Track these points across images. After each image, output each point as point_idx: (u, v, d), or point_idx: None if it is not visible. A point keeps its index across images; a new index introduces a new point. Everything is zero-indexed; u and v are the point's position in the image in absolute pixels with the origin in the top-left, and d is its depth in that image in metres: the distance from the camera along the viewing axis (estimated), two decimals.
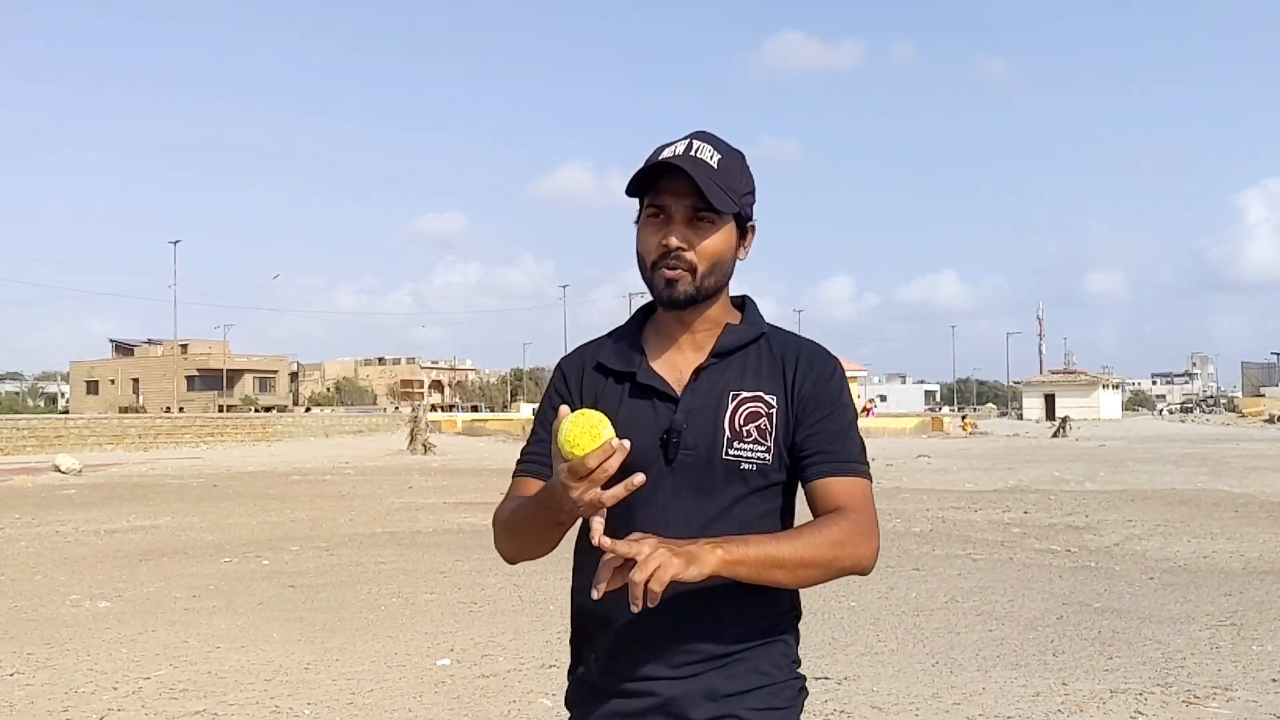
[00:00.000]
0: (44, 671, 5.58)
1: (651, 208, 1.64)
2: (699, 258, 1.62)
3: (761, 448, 1.63)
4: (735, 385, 1.66)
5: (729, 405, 1.64)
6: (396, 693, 5.17)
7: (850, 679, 5.35)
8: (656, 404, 1.66)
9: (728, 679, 1.61)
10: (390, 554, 10.02)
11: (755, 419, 1.63)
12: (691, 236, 1.62)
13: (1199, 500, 14.94)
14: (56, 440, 33.12)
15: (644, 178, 1.63)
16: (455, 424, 52.60)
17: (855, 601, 7.41)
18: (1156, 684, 5.22)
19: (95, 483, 20.17)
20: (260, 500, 16.03)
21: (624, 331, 1.76)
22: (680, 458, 1.62)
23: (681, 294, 1.63)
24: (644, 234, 1.66)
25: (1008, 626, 6.61)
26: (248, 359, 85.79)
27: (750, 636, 1.63)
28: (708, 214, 1.61)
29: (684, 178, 1.58)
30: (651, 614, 1.48)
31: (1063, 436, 42.97)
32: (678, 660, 1.60)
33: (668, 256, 1.62)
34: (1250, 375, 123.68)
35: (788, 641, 1.68)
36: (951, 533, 11.47)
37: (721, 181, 1.61)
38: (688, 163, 1.59)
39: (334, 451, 32.72)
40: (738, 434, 1.63)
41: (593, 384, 1.71)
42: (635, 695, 1.62)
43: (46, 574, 8.95)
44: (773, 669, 1.64)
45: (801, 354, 1.69)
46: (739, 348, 1.69)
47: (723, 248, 1.64)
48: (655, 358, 1.70)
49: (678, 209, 1.61)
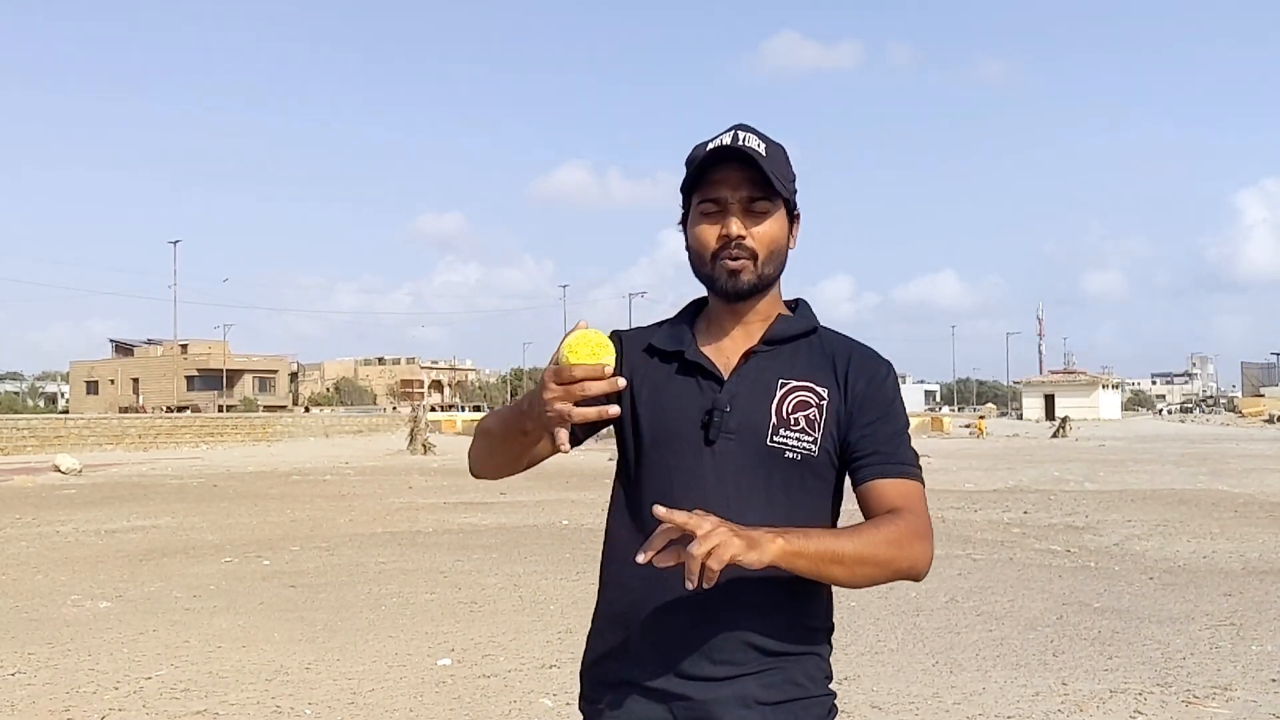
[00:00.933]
0: (45, 671, 5.58)
1: (706, 202, 1.63)
2: (759, 245, 1.62)
3: (809, 438, 1.60)
4: (785, 373, 1.63)
5: (777, 392, 1.62)
6: (397, 692, 5.18)
7: (850, 678, 5.36)
8: (701, 383, 1.64)
9: (763, 687, 1.56)
10: (390, 554, 10.02)
11: (804, 408, 1.61)
12: (749, 225, 1.61)
13: (1199, 500, 14.95)
14: (56, 440, 33.12)
15: (703, 168, 1.61)
16: (455, 424, 52.59)
17: (855, 601, 7.42)
18: (1156, 684, 5.23)
19: (95, 483, 20.18)
20: (260, 500, 16.03)
21: (677, 319, 1.74)
22: (722, 441, 1.59)
23: (745, 283, 1.62)
24: (700, 228, 1.64)
25: (1008, 626, 6.62)
26: (247, 359, 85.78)
27: (788, 646, 1.59)
28: (763, 203, 1.61)
29: (738, 168, 1.59)
30: (690, 612, 1.47)
31: (1062, 436, 42.98)
32: (715, 661, 1.56)
33: (730, 246, 1.61)
34: (1250, 375, 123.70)
35: (822, 654, 1.64)
36: (951, 533, 11.47)
37: (774, 169, 1.61)
38: (740, 152, 1.59)
39: (334, 451, 32.73)
40: (785, 421, 1.60)
41: (641, 363, 1.69)
42: (667, 696, 1.57)
43: (47, 574, 8.95)
44: (808, 682, 1.60)
45: (854, 354, 1.68)
46: (791, 338, 1.67)
47: (780, 234, 1.64)
48: (705, 343, 1.68)
49: (734, 199, 1.61)
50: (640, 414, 1.66)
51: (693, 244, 1.65)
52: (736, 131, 1.63)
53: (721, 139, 1.62)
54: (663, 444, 1.63)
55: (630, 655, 1.60)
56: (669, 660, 1.57)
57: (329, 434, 44.65)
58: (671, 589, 1.51)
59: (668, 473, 1.61)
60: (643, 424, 1.65)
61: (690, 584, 1.34)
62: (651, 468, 1.64)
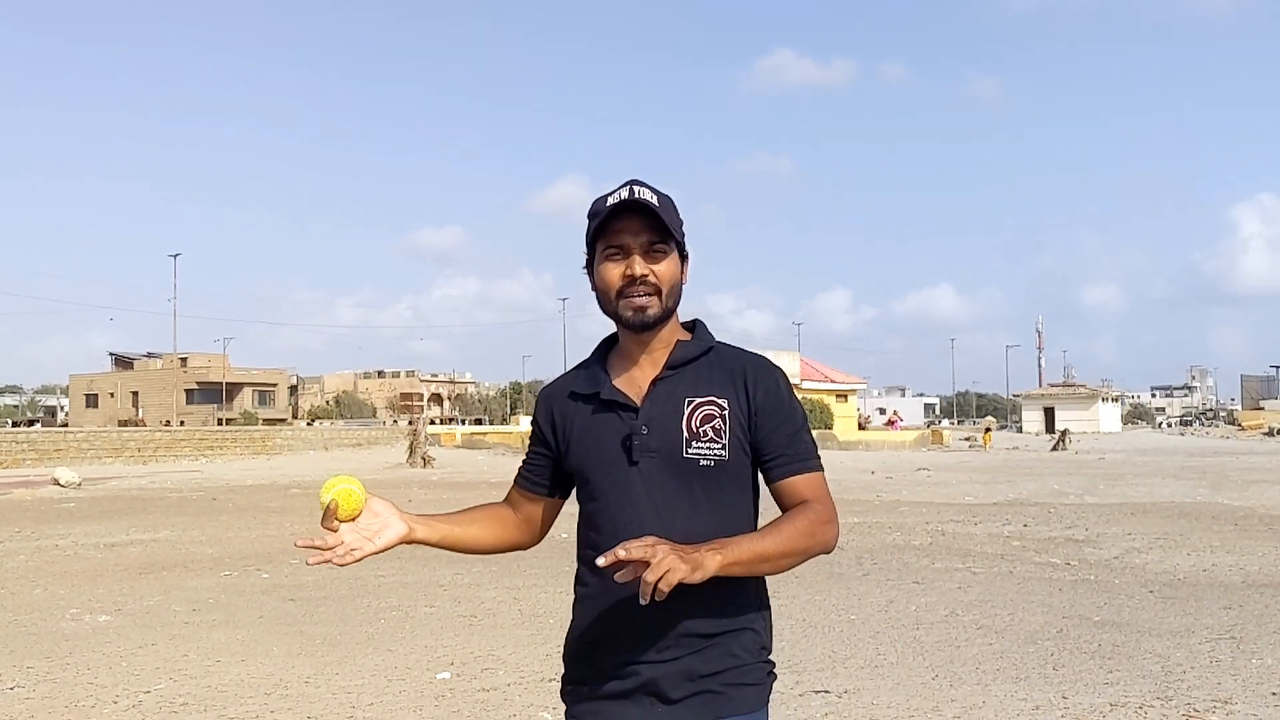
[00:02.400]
0: (44, 685, 5.57)
1: (611, 248, 1.87)
2: (661, 282, 1.86)
3: (718, 445, 1.84)
4: (690, 392, 1.88)
5: (685, 410, 1.86)
6: (397, 706, 5.17)
7: (850, 692, 5.35)
8: (620, 414, 1.89)
9: (703, 662, 1.82)
10: (390, 567, 10.01)
11: (710, 420, 1.85)
12: (652, 265, 1.86)
13: (1198, 513, 14.93)
14: (56, 453, 33.10)
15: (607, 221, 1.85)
16: (455, 437, 52.54)
17: (855, 615, 7.41)
18: (1156, 697, 5.22)
19: (94, 496, 20.15)
20: (260, 514, 16.01)
21: (590, 361, 2.00)
22: (645, 460, 1.84)
23: (652, 316, 1.86)
24: (605, 270, 1.88)
25: (1008, 640, 6.61)
26: (247, 372, 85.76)
27: (723, 625, 1.83)
28: (661, 245, 1.86)
29: (637, 217, 1.84)
30: (638, 608, 1.66)
31: (1062, 449, 42.93)
32: (660, 646, 1.81)
33: (634, 284, 1.85)
34: (1249, 388, 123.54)
35: (757, 629, 1.88)
36: (951, 546, 11.46)
37: (667, 216, 1.85)
38: (639, 204, 1.83)
39: (334, 465, 32.68)
40: (695, 434, 1.85)
41: (565, 410, 1.97)
42: (622, 678, 1.84)
43: (46, 587, 8.94)
44: (743, 653, 1.85)
45: (748, 365, 1.91)
46: (691, 360, 1.91)
47: (676, 272, 1.90)
48: (617, 377, 1.93)
49: (635, 244, 1.85)
50: (573, 452, 1.94)
51: (600, 284, 1.90)
52: (632, 186, 1.86)
53: (620, 193, 1.85)
54: (596, 471, 1.90)
55: (597, 649, 1.88)
56: (626, 652, 1.84)
57: (329, 447, 44.60)
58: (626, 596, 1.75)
59: (604, 494, 1.88)
60: (578, 459, 1.93)
61: (644, 600, 1.58)
62: (592, 492, 1.91)
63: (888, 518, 14.55)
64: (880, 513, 15.38)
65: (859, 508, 16.19)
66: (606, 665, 1.86)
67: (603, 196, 1.90)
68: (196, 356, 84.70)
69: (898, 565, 9.83)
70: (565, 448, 1.96)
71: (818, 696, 5.24)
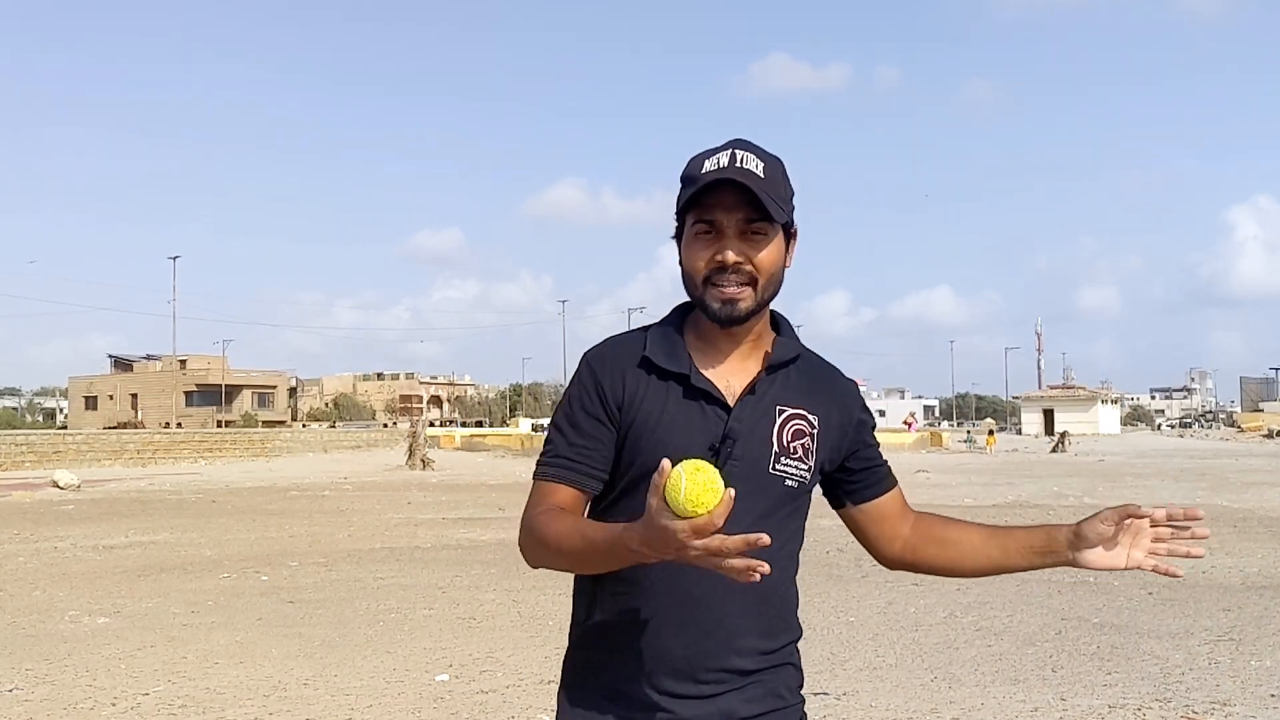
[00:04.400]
0: (43, 687, 5.57)
1: (701, 223, 1.58)
2: (759, 271, 1.58)
3: (804, 466, 1.63)
4: (781, 399, 1.64)
5: (777, 419, 1.63)
6: (395, 708, 5.17)
7: (849, 694, 5.35)
8: (707, 409, 1.61)
9: (744, 702, 1.60)
10: (389, 569, 10.01)
11: (800, 437, 1.63)
12: (747, 250, 1.57)
13: None
14: (55, 456, 33.07)
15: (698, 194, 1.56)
16: (454, 439, 52.54)
17: (854, 616, 7.41)
18: (1155, 699, 5.22)
19: (94, 498, 20.15)
20: (259, 516, 16.01)
21: (665, 329, 1.68)
22: (729, 467, 1.54)
23: (743, 311, 1.59)
24: (693, 250, 1.59)
25: (1006, 642, 6.61)
26: (246, 374, 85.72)
27: (768, 659, 1.63)
28: (761, 225, 1.57)
29: (734, 190, 1.54)
30: (677, 634, 1.50)
31: (1062, 451, 42.95)
32: (700, 679, 1.58)
33: (724, 272, 1.57)
34: (1249, 390, 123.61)
35: (795, 663, 1.69)
36: None
37: (772, 191, 1.56)
38: (739, 174, 1.54)
39: (333, 467, 32.68)
40: (785, 450, 1.62)
41: (637, 382, 1.62)
42: (646, 712, 1.59)
43: (45, 589, 8.94)
44: (786, 692, 1.65)
45: (834, 380, 1.73)
46: (785, 364, 1.67)
47: (777, 258, 1.61)
48: (704, 363, 1.64)
49: (729, 223, 1.56)
50: (637, 436, 1.60)
51: (686, 265, 1.61)
52: (734, 150, 1.58)
53: (720, 158, 1.57)
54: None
55: (619, 671, 1.61)
56: (656, 678, 1.58)
57: (328, 449, 44.60)
58: (659, 610, 1.57)
59: None
60: (646, 448, 1.59)
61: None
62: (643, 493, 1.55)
63: None
64: None
65: None
66: (627, 696, 1.59)
67: (700, 155, 1.60)
68: (196, 359, 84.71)
69: None
70: (629, 429, 1.61)
71: (817, 699, 5.24)
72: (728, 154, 1.57)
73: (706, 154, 1.60)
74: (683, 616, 1.56)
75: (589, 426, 1.62)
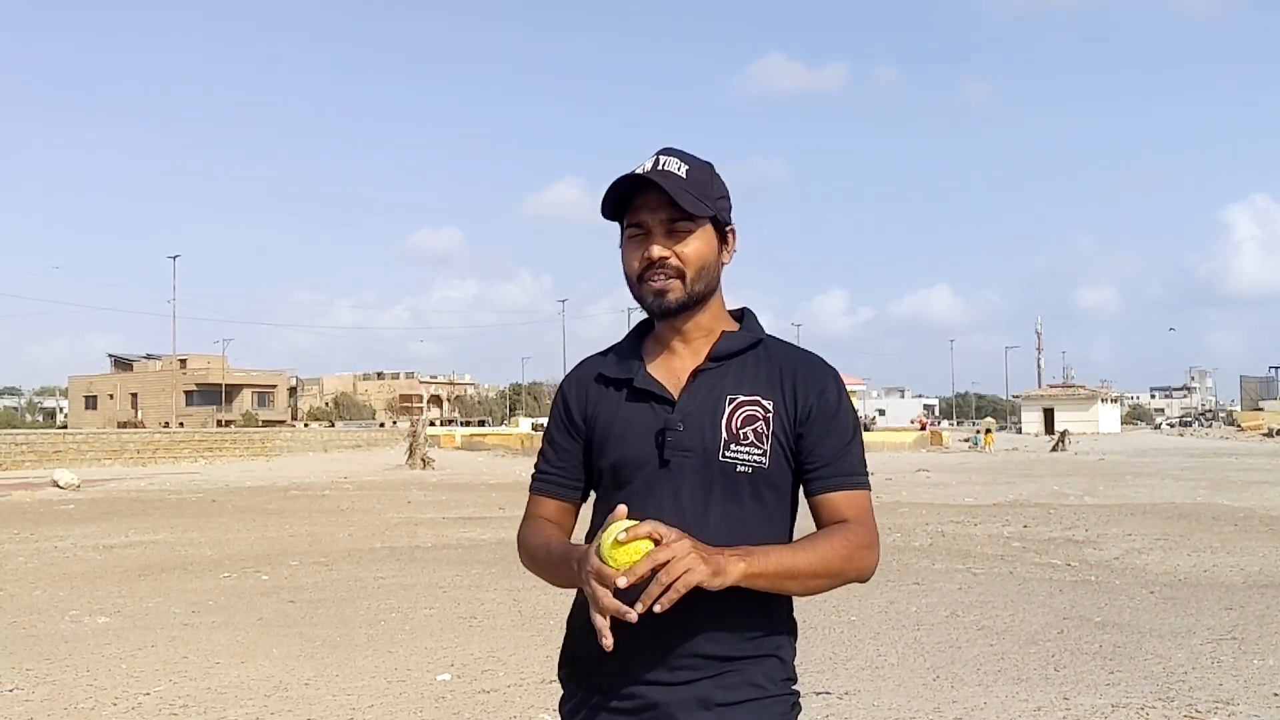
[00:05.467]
0: (43, 687, 5.56)
1: (631, 227, 1.70)
2: (685, 264, 1.68)
3: (758, 450, 1.66)
4: (733, 389, 1.69)
5: (726, 408, 1.68)
6: (397, 708, 5.16)
7: (851, 693, 5.34)
8: (654, 407, 1.70)
9: (721, 689, 1.63)
10: (389, 569, 10.01)
11: (752, 422, 1.67)
12: (673, 245, 1.68)
13: (1199, 514, 14.93)
14: (55, 455, 33.08)
15: (616, 197, 1.69)
16: (454, 439, 52.54)
17: (856, 616, 7.41)
18: (1158, 698, 5.22)
19: (94, 498, 20.14)
20: (259, 515, 16.01)
21: (623, 345, 1.81)
22: (677, 460, 1.66)
23: (673, 301, 1.68)
24: (627, 252, 1.72)
25: (1008, 641, 6.61)
26: (246, 374, 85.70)
27: (746, 648, 1.65)
28: (684, 222, 1.67)
29: (655, 190, 1.65)
30: (652, 619, 1.51)
31: (1062, 450, 42.95)
32: (673, 666, 1.63)
33: (653, 268, 1.68)
34: (1249, 389, 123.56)
35: (783, 657, 1.69)
36: (951, 547, 11.46)
37: (692, 189, 1.66)
38: (656, 176, 1.65)
39: (333, 466, 32.69)
40: (734, 436, 1.66)
41: (595, 395, 1.77)
42: (629, 698, 1.66)
43: (46, 589, 8.93)
44: (766, 682, 1.66)
45: (800, 364, 1.73)
46: (736, 353, 1.73)
47: (705, 251, 1.69)
48: (653, 365, 1.74)
49: (655, 222, 1.68)
50: (598, 442, 1.75)
51: (624, 267, 1.73)
52: (658, 156, 1.70)
53: (644, 165, 1.69)
54: (622, 468, 1.71)
55: (601, 664, 1.66)
56: (634, 670, 1.65)
57: (328, 449, 44.60)
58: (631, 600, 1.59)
59: (629, 494, 1.66)
60: (604, 451, 1.73)
61: (645, 607, 1.43)
62: (612, 495, 1.71)
63: (888, 519, 14.54)
64: (880, 514, 15.15)
65: None
66: (610, 684, 1.67)
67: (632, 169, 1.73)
68: (196, 358, 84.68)
69: (898, 566, 9.82)
70: (591, 438, 1.76)
71: (819, 698, 5.23)
72: (652, 160, 1.70)
73: (635, 166, 1.72)
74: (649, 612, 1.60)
75: (562, 442, 1.80)
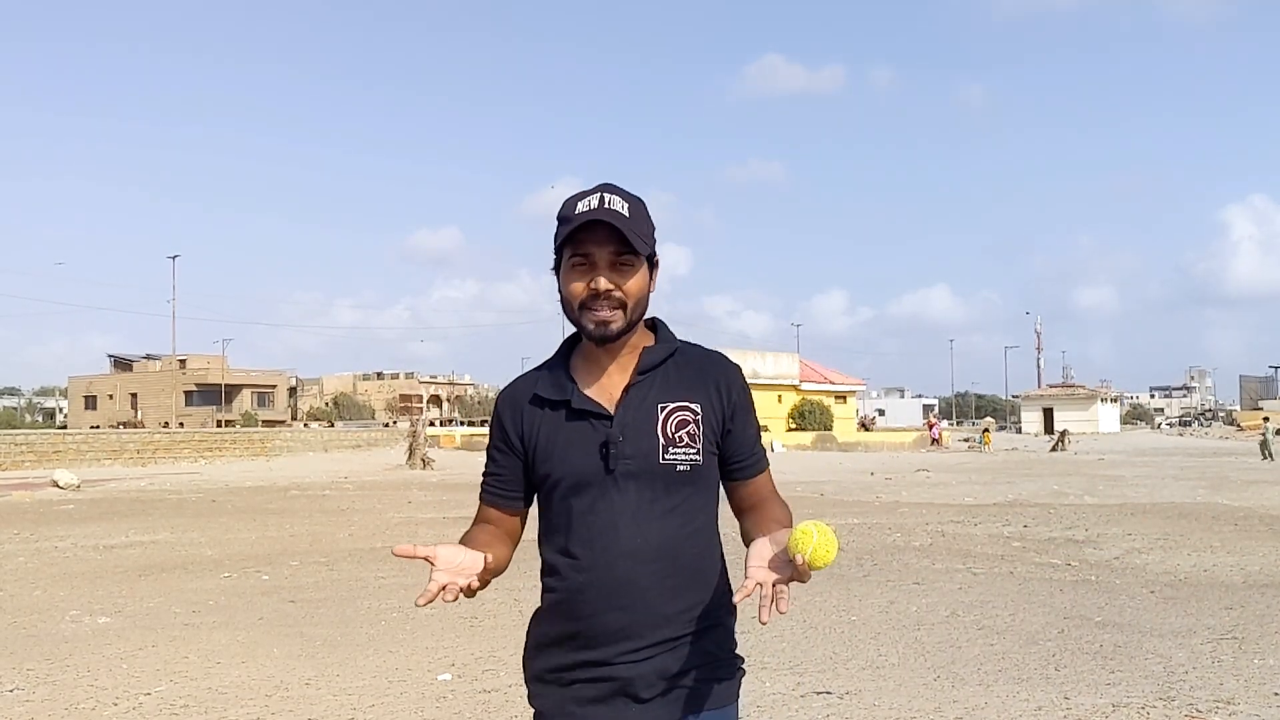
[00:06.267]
0: (43, 687, 5.56)
1: (577, 256, 1.84)
2: (627, 296, 1.84)
3: (693, 450, 1.87)
4: (663, 397, 1.88)
5: (659, 415, 1.87)
6: (398, 708, 5.16)
7: (851, 693, 5.35)
8: (594, 423, 1.87)
9: (676, 660, 1.84)
10: (390, 569, 10.00)
11: (684, 425, 1.87)
12: (617, 279, 1.84)
13: (1199, 514, 14.94)
14: (55, 455, 33.07)
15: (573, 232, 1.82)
16: (454, 439, 52.53)
17: (856, 616, 7.41)
18: (1158, 698, 5.22)
19: (94, 498, 20.14)
20: (259, 515, 16.00)
21: (553, 364, 1.97)
22: (622, 467, 1.84)
23: (614, 331, 1.85)
24: (570, 279, 1.86)
25: (1009, 640, 6.61)
26: (246, 374, 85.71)
27: (695, 624, 1.86)
28: (629, 256, 1.83)
29: (604, 228, 1.80)
30: (611, 610, 1.80)
31: (1061, 450, 42.95)
32: (636, 645, 1.83)
33: (597, 299, 1.83)
34: (1248, 388, 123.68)
35: (727, 626, 1.92)
36: (951, 547, 11.46)
37: (636, 228, 1.83)
38: (607, 215, 1.80)
39: (333, 466, 32.68)
40: (671, 440, 1.86)
41: (530, 416, 1.93)
42: (595, 681, 1.85)
43: (46, 589, 8.93)
44: (715, 649, 1.89)
45: (717, 367, 1.94)
46: (659, 364, 1.91)
47: (642, 284, 1.87)
48: (586, 384, 1.91)
49: (601, 256, 1.83)
50: (541, 460, 1.91)
51: (565, 293, 1.87)
52: (602, 194, 1.84)
53: (590, 200, 1.83)
54: (571, 481, 1.87)
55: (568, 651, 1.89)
56: (599, 653, 1.84)
57: (328, 449, 44.57)
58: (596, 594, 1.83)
59: (579, 501, 1.86)
60: (548, 468, 1.89)
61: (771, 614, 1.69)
62: (564, 500, 1.88)
63: (887, 519, 14.53)
64: (880, 514, 15.37)
65: (859, 509, 16.19)
66: (578, 668, 1.87)
67: (573, 198, 1.87)
68: (195, 358, 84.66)
69: (898, 566, 9.82)
70: (533, 455, 1.92)
71: (819, 698, 5.24)
72: (597, 197, 1.84)
73: (578, 196, 1.86)
74: (611, 593, 1.82)
75: (500, 458, 1.98)
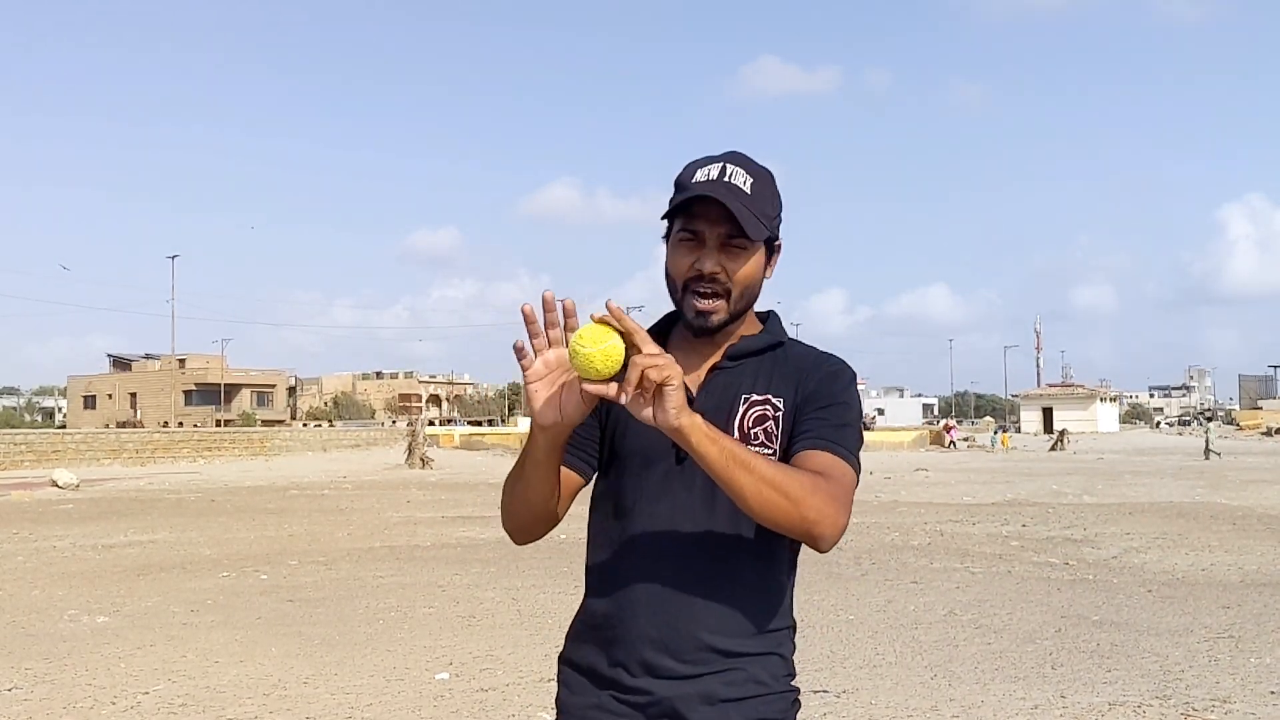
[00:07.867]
0: (42, 687, 5.57)
1: (685, 231, 1.66)
2: (733, 283, 1.65)
3: (768, 450, 1.65)
4: (748, 388, 1.69)
5: (740, 407, 1.68)
6: (395, 707, 5.17)
7: (849, 692, 5.35)
8: None
9: (725, 685, 1.64)
10: (388, 568, 10.01)
11: (763, 421, 1.67)
12: (725, 262, 1.64)
13: (1197, 513, 14.95)
14: (54, 455, 33.04)
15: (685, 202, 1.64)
16: (453, 438, 52.51)
17: (854, 614, 7.42)
18: (1155, 696, 5.23)
19: (93, 497, 20.14)
20: (258, 515, 16.01)
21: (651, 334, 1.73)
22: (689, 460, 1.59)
23: (715, 324, 1.67)
24: (676, 256, 1.68)
25: (1006, 639, 6.62)
26: (245, 373, 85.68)
27: (750, 645, 1.66)
28: (740, 239, 1.63)
29: (719, 204, 1.60)
30: (661, 611, 1.58)
31: (1060, 449, 42.95)
32: (679, 658, 1.64)
33: (701, 281, 1.65)
34: (1247, 388, 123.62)
35: (784, 655, 1.71)
36: (950, 546, 11.46)
37: (754, 208, 1.63)
38: (722, 191, 1.61)
39: (332, 466, 32.67)
40: (746, 436, 1.66)
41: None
42: (633, 691, 1.66)
43: (44, 589, 8.94)
44: (769, 679, 1.67)
45: (812, 363, 1.72)
46: (754, 353, 1.72)
47: (754, 272, 1.68)
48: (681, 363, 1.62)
49: (711, 235, 1.64)
50: (614, 430, 1.74)
51: (669, 268, 1.70)
52: (726, 164, 1.66)
53: (711, 169, 1.65)
54: (635, 459, 1.70)
55: (604, 652, 1.69)
56: (639, 662, 1.65)
57: (327, 448, 44.55)
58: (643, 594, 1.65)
59: (640, 486, 1.68)
60: (618, 441, 1.73)
61: (627, 393, 1.42)
62: (624, 481, 1.71)
63: (886, 518, 14.55)
64: (879, 513, 15.38)
65: (857, 508, 16.09)
66: (615, 676, 1.67)
67: (693, 164, 1.68)
68: (194, 358, 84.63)
69: (896, 565, 9.83)
70: (608, 423, 1.74)
71: (816, 696, 5.24)
72: (719, 166, 1.65)
73: (700, 163, 1.68)
74: (657, 602, 1.63)
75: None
